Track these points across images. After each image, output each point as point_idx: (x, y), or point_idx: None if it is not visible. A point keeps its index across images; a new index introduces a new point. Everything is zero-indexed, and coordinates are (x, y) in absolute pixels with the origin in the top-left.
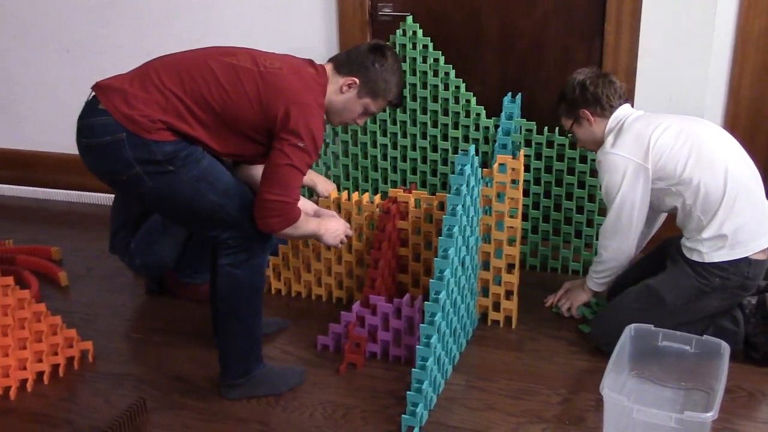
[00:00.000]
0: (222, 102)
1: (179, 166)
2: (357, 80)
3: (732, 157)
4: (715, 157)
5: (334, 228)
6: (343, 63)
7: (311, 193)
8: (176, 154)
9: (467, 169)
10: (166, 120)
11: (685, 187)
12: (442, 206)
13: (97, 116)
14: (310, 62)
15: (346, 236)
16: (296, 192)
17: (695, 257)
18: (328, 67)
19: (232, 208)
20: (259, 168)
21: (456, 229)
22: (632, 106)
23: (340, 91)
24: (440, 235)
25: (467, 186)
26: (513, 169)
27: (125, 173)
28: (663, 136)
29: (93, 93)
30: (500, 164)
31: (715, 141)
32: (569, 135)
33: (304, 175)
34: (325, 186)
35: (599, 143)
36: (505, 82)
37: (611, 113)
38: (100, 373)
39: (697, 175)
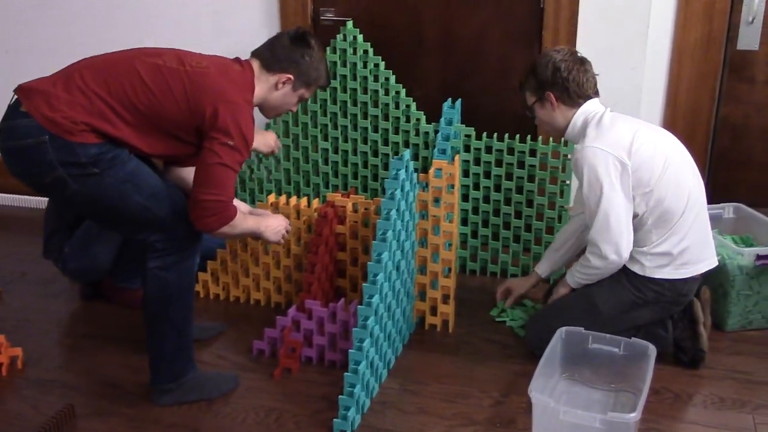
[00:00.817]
0: (148, 103)
1: (104, 169)
2: (291, 76)
3: (695, 181)
4: (682, 178)
5: (274, 225)
6: (270, 60)
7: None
8: (101, 157)
9: (401, 173)
10: (89, 122)
11: (648, 199)
12: (379, 211)
13: (18, 119)
14: (237, 60)
15: (286, 231)
16: (230, 190)
17: (636, 269)
18: (255, 64)
19: (159, 210)
20: (190, 170)
21: (390, 234)
22: None
23: (275, 89)
24: None
25: (401, 190)
26: (449, 174)
27: (48, 176)
28: (645, 143)
29: (15, 96)
30: (436, 169)
31: (684, 163)
32: (528, 112)
33: (237, 173)
34: (264, 140)
35: (558, 130)
36: (445, 88)
37: (578, 105)
38: (28, 379)
39: (663, 190)
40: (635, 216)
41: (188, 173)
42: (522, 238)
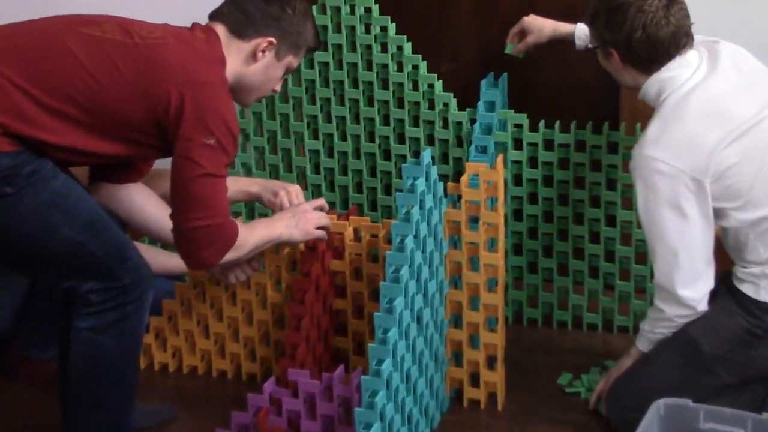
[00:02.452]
0: (88, 92)
1: (21, 187)
2: (273, 39)
3: None
4: None
5: (298, 218)
6: (242, 23)
7: (249, 215)
8: (16, 171)
9: (420, 183)
10: (1, 122)
11: (741, 211)
12: (391, 238)
13: None
14: (196, 27)
15: (324, 228)
16: (223, 206)
17: (748, 291)
18: (220, 30)
19: (97, 248)
20: (133, 190)
21: (405, 271)
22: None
23: (252, 59)
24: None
25: (421, 208)
26: (491, 183)
27: None
28: (736, 135)
29: None
30: (471, 175)
31: None
32: (589, 48)
33: (225, 178)
34: (269, 197)
35: (630, 86)
36: (485, 59)
37: (652, 71)
38: None
39: (761, 195)
40: (725, 231)
41: (128, 194)
42: (601, 270)
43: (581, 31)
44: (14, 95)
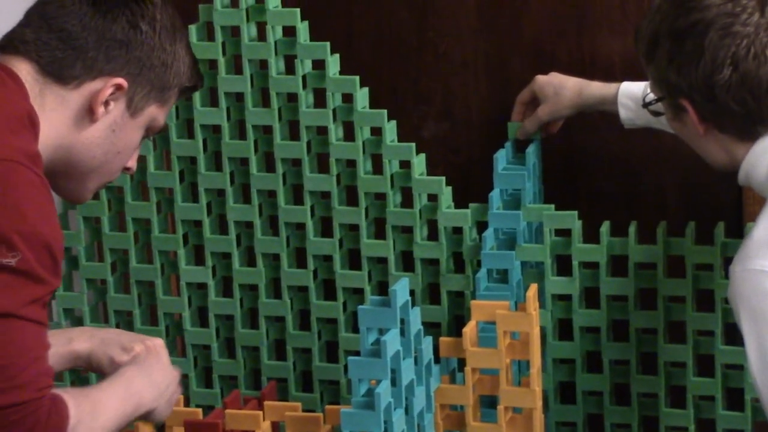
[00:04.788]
0: None
1: None
2: (123, 80)
3: None
4: None
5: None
6: (63, 56)
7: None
8: None
9: (391, 340)
10: None
11: None
12: None
13: None
14: None
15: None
16: (36, 368)
17: None
18: (23, 70)
19: None
20: None
21: None
22: None
23: (88, 117)
24: None
25: (394, 385)
26: (516, 336)
27: None
28: None
29: None
30: (481, 324)
31: None
32: (648, 104)
33: (44, 324)
34: (112, 354)
35: (720, 163)
36: (499, 113)
37: (756, 136)
38: None
39: None
40: None
41: None
42: None
43: (628, 93)
44: None
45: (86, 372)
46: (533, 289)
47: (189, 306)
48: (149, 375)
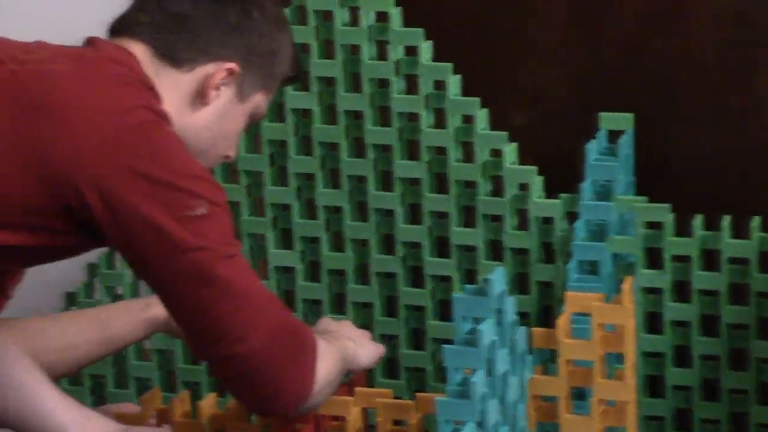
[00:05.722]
0: None
1: None
2: (235, 65)
3: None
4: None
5: (353, 333)
6: (178, 39)
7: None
8: None
9: (487, 329)
10: None
11: None
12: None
13: None
14: (101, 42)
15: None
16: (270, 294)
17: None
18: (138, 51)
19: None
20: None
21: None
22: None
23: (200, 100)
24: None
25: (489, 374)
26: (610, 328)
27: None
28: None
29: None
30: (575, 315)
31: None
32: None
33: (237, 244)
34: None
35: None
36: (590, 103)
37: None
38: None
39: None
40: None
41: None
42: None
43: None
44: None
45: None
46: (629, 282)
47: (277, 290)
48: (342, 340)
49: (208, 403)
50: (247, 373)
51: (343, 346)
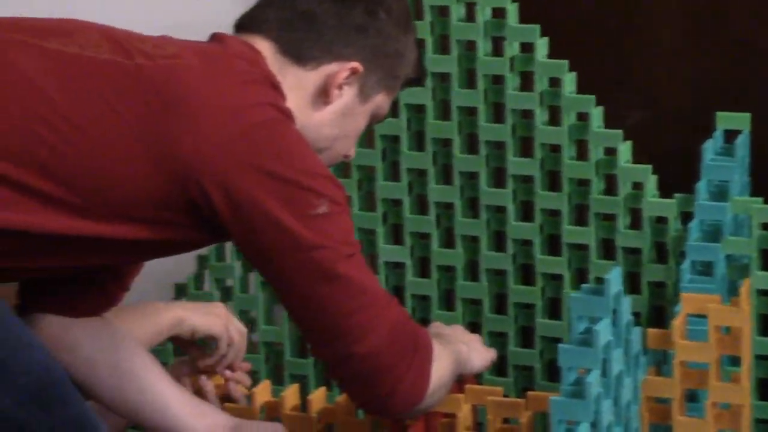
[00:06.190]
0: (64, 150)
1: None
2: (359, 64)
3: None
4: None
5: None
6: (303, 38)
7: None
8: None
9: (603, 329)
10: None
11: None
12: (544, 426)
13: None
14: (227, 39)
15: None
16: (387, 294)
17: None
18: (264, 49)
19: (43, 429)
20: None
21: None
22: None
23: (323, 99)
24: None
25: (604, 375)
26: (726, 330)
27: None
28: None
29: None
30: (690, 317)
31: None
32: None
33: (357, 243)
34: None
35: None
36: (704, 103)
37: None
38: None
39: None
40: None
41: (93, 337)
42: None
43: None
44: None
45: None
46: (747, 285)
47: (386, 285)
48: (454, 342)
49: (318, 396)
50: (363, 374)
51: (456, 349)
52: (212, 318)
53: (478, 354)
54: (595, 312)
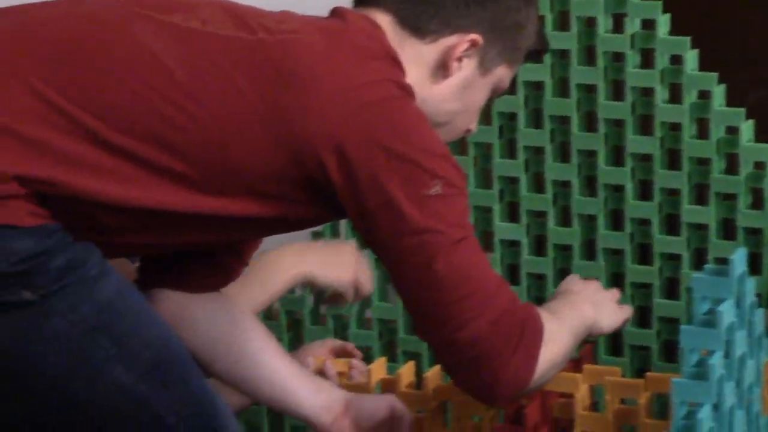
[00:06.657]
0: (186, 126)
1: (47, 293)
2: (479, 37)
3: None
4: None
5: (597, 296)
6: (421, 10)
7: None
8: (41, 263)
9: (727, 311)
10: (29, 175)
11: None
12: (661, 407)
13: None
14: (347, 13)
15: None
16: (498, 281)
17: None
18: (383, 22)
19: (167, 407)
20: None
21: None
22: None
23: (442, 71)
24: None
25: (727, 356)
26: None
27: None
28: None
29: None
30: None
31: None
32: None
33: (470, 226)
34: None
35: None
36: None
37: None
38: None
39: None
40: None
41: (214, 312)
42: None
43: None
44: (61, 125)
45: None
46: None
47: (501, 263)
48: (572, 293)
49: (433, 374)
50: (465, 361)
51: (580, 314)
52: (338, 272)
53: (608, 314)
54: (718, 293)
